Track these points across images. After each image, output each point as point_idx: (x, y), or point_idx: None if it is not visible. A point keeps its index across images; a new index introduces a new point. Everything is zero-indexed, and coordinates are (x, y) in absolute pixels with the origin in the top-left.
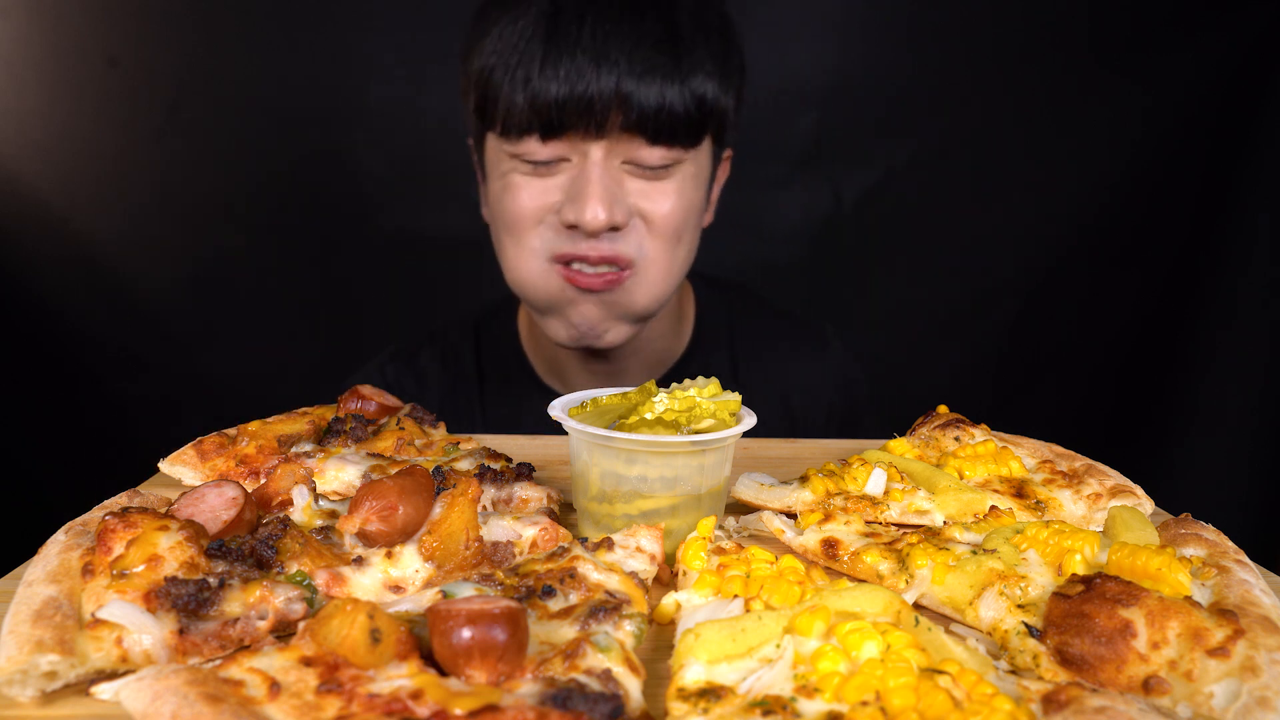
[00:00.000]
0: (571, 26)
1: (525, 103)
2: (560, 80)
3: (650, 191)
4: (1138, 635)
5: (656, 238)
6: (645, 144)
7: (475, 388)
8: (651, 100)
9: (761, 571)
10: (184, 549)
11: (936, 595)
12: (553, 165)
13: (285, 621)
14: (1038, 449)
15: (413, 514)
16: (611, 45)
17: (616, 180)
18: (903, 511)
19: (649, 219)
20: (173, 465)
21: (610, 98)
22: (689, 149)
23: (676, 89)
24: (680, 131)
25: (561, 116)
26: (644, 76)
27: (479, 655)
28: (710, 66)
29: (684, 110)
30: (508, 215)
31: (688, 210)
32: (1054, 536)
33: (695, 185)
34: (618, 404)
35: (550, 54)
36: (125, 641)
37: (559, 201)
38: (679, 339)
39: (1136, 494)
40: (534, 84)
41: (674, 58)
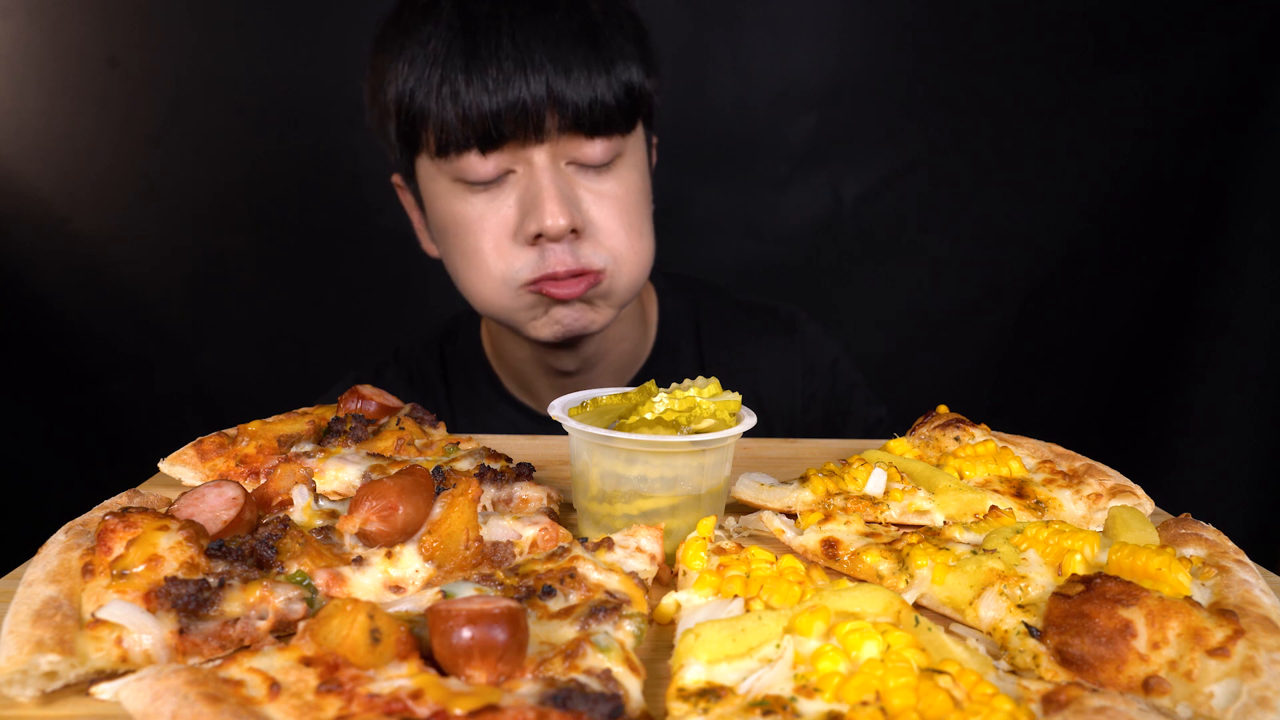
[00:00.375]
0: (490, 34)
1: (457, 118)
2: (490, 91)
3: (599, 190)
4: (1138, 635)
5: (619, 236)
6: (585, 140)
7: (444, 404)
8: (584, 96)
9: (761, 571)
10: (184, 549)
11: (936, 595)
12: (499, 181)
13: (285, 621)
14: (1038, 449)
15: (413, 514)
16: (534, 47)
17: (567, 183)
18: (903, 511)
19: (606, 218)
20: (172, 465)
21: (543, 100)
22: (626, 136)
23: (605, 80)
24: (616, 121)
25: (498, 128)
26: (571, 73)
27: (479, 655)
28: (630, 51)
29: (615, 100)
30: (463, 244)
31: (638, 199)
32: (1054, 536)
33: (640, 173)
34: (618, 404)
35: (474, 65)
36: (125, 641)
37: (514, 219)
38: (645, 341)
39: (1136, 494)
40: (463, 97)
41: (595, 49)
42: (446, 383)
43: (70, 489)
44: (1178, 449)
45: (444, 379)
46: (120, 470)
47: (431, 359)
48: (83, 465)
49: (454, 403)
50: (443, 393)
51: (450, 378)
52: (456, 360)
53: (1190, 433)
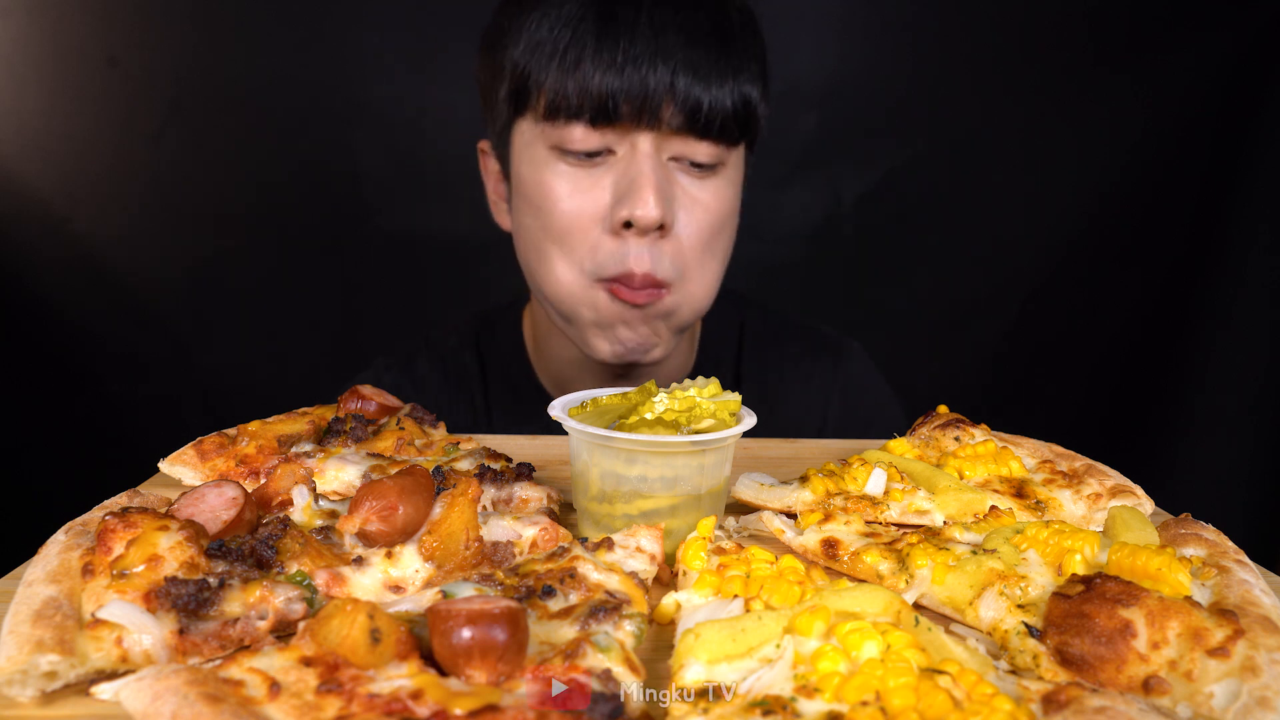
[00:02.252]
0: (628, 12)
1: (575, 88)
2: (615, 68)
3: (695, 192)
4: (1138, 635)
5: (695, 250)
6: (694, 139)
7: (480, 397)
8: (704, 96)
9: (761, 571)
10: (184, 549)
11: (936, 595)
12: (596, 159)
13: (285, 621)
14: (1038, 449)
15: (413, 514)
16: (668, 36)
17: (666, 177)
18: (903, 511)
19: (693, 222)
20: (172, 465)
21: (664, 90)
22: (733, 147)
23: (727, 88)
24: (730, 128)
25: (614, 105)
26: (698, 70)
27: (479, 655)
28: (754, 68)
29: (733, 108)
30: (548, 218)
31: (728, 213)
32: (1054, 536)
33: (734, 192)
34: (618, 404)
35: (605, 40)
36: (125, 641)
37: (607, 203)
38: (690, 355)
39: (1136, 494)
40: (585, 68)
41: (724, 55)
42: (485, 377)
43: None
44: (1178, 449)
45: (482, 373)
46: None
47: (468, 351)
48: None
49: (491, 399)
50: (480, 388)
51: (489, 372)
52: (495, 354)
53: (1190, 433)
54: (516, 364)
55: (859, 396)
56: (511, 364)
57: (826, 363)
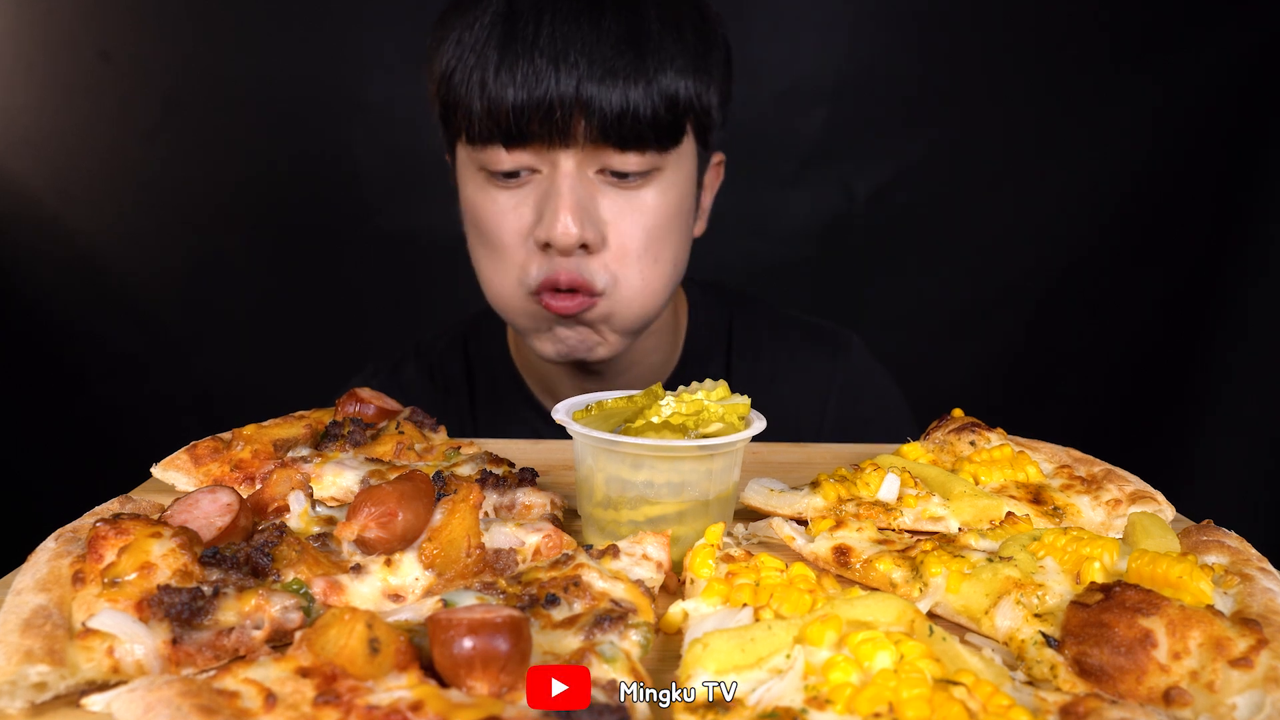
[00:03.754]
0: (528, 28)
1: (483, 109)
2: (516, 85)
3: (627, 204)
4: (1158, 645)
5: (630, 259)
6: (615, 151)
7: (465, 402)
8: (615, 103)
9: (771, 579)
10: (177, 556)
11: (951, 604)
12: (521, 178)
13: (281, 631)
14: (1055, 453)
15: (412, 520)
16: (570, 46)
17: (589, 193)
18: (916, 518)
19: (619, 239)
20: (166, 470)
21: (571, 102)
22: (665, 152)
23: (641, 89)
24: (650, 135)
25: (521, 124)
26: (605, 79)
27: (480, 666)
28: (681, 62)
29: (652, 112)
30: (483, 236)
31: (669, 220)
32: (1072, 544)
33: (677, 194)
34: (623, 407)
35: (506, 57)
36: (117, 651)
37: (530, 221)
38: (674, 351)
39: (1157, 500)
40: (490, 89)
41: (638, 56)
42: (471, 382)
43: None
44: (1199, 453)
45: (468, 378)
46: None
47: (455, 356)
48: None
49: (477, 405)
50: (465, 393)
51: (475, 377)
52: (481, 358)
53: (1212, 436)
54: (502, 367)
55: (859, 392)
56: (497, 367)
57: (823, 357)
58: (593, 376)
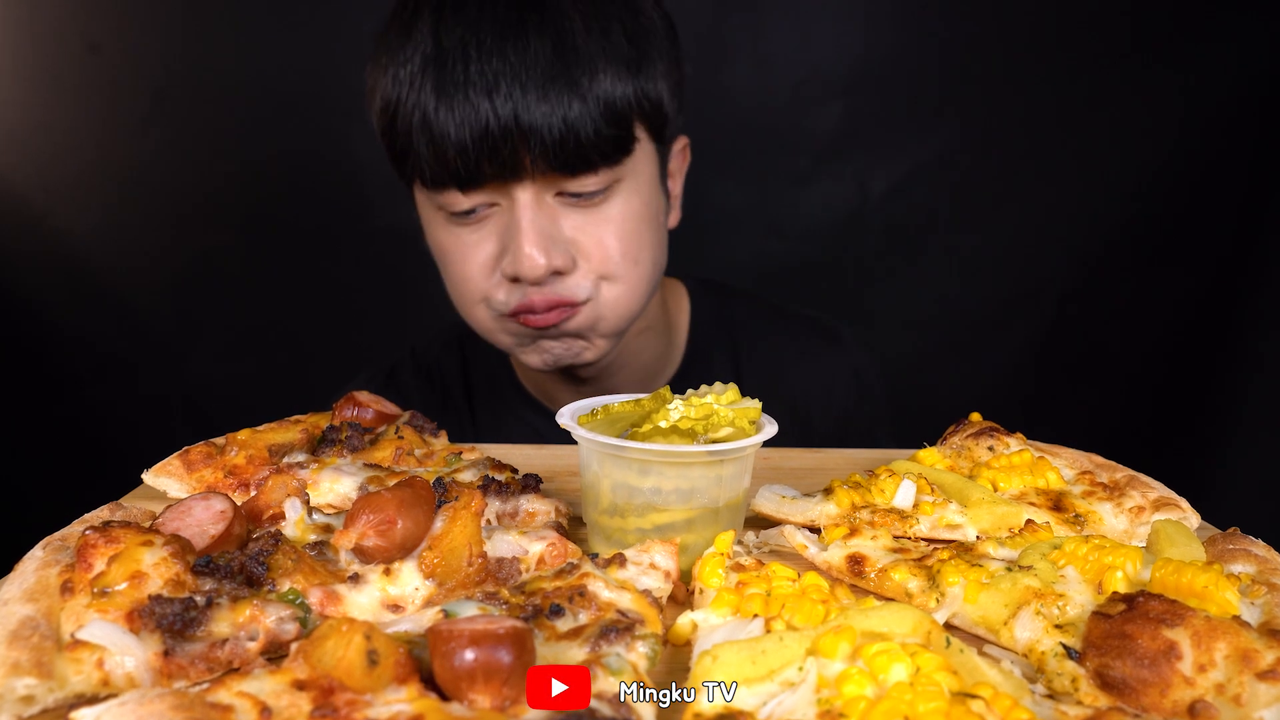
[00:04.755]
0: (457, 67)
1: (431, 154)
2: (456, 124)
3: (589, 224)
4: (1183, 657)
5: (609, 267)
6: (567, 177)
7: (463, 403)
8: (554, 127)
9: (783, 589)
10: (169, 565)
11: (969, 615)
12: (479, 213)
13: (277, 643)
14: (1077, 459)
15: (412, 528)
16: (500, 77)
17: (551, 219)
18: (933, 525)
19: (593, 255)
20: (157, 476)
21: (512, 133)
22: (616, 166)
23: (578, 107)
24: (595, 155)
25: (469, 166)
26: (539, 103)
27: (483, 678)
28: (615, 66)
29: (594, 128)
30: (450, 271)
31: (638, 225)
32: (1094, 552)
33: (642, 198)
34: (630, 411)
35: (442, 93)
36: (107, 664)
37: (494, 254)
38: (672, 349)
39: (1181, 507)
40: (434, 129)
41: (566, 71)
42: (468, 384)
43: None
44: (1225, 459)
45: (465, 379)
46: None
47: (452, 357)
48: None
49: (475, 406)
50: (463, 395)
51: (472, 378)
52: (479, 360)
53: (1238, 442)
54: (500, 368)
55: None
56: (494, 367)
57: (828, 347)
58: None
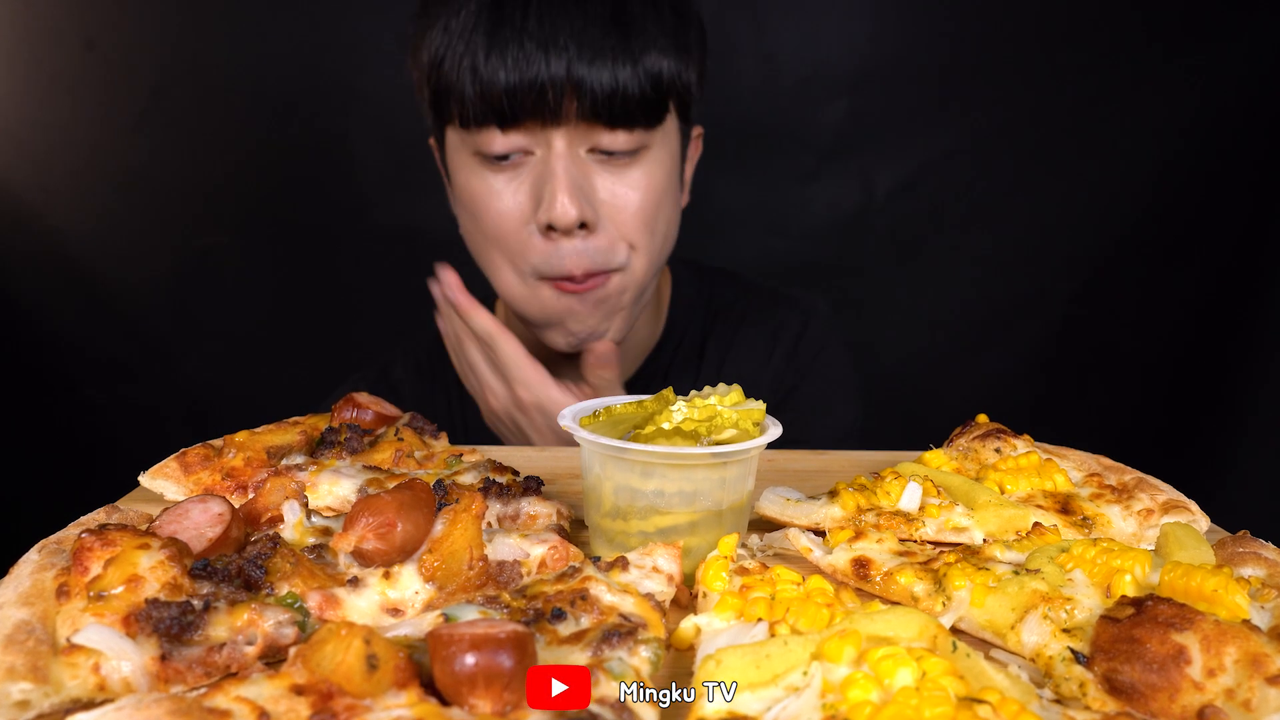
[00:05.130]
0: (515, 13)
1: (476, 94)
2: (508, 69)
3: (619, 182)
4: (1192, 662)
5: (634, 232)
6: (606, 130)
7: (458, 400)
8: (605, 84)
9: (787, 593)
10: (166, 569)
11: (975, 619)
12: (515, 160)
13: (275, 647)
14: (1085, 461)
15: (412, 531)
16: (559, 30)
17: (583, 172)
18: (939, 528)
19: (621, 213)
20: (154, 479)
21: (561, 84)
22: (652, 129)
23: (629, 70)
24: (638, 113)
25: (514, 105)
26: (594, 60)
27: (483, 683)
28: (663, 42)
29: (639, 91)
30: (482, 223)
31: (660, 195)
32: (1102, 555)
33: (666, 169)
34: (633, 413)
35: (496, 42)
36: (103, 668)
37: (527, 206)
38: (656, 326)
39: (1191, 510)
40: (482, 72)
41: (624, 38)
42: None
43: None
44: (1235, 461)
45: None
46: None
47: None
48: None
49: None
50: (457, 386)
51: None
52: None
53: (1248, 443)
54: None
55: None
56: None
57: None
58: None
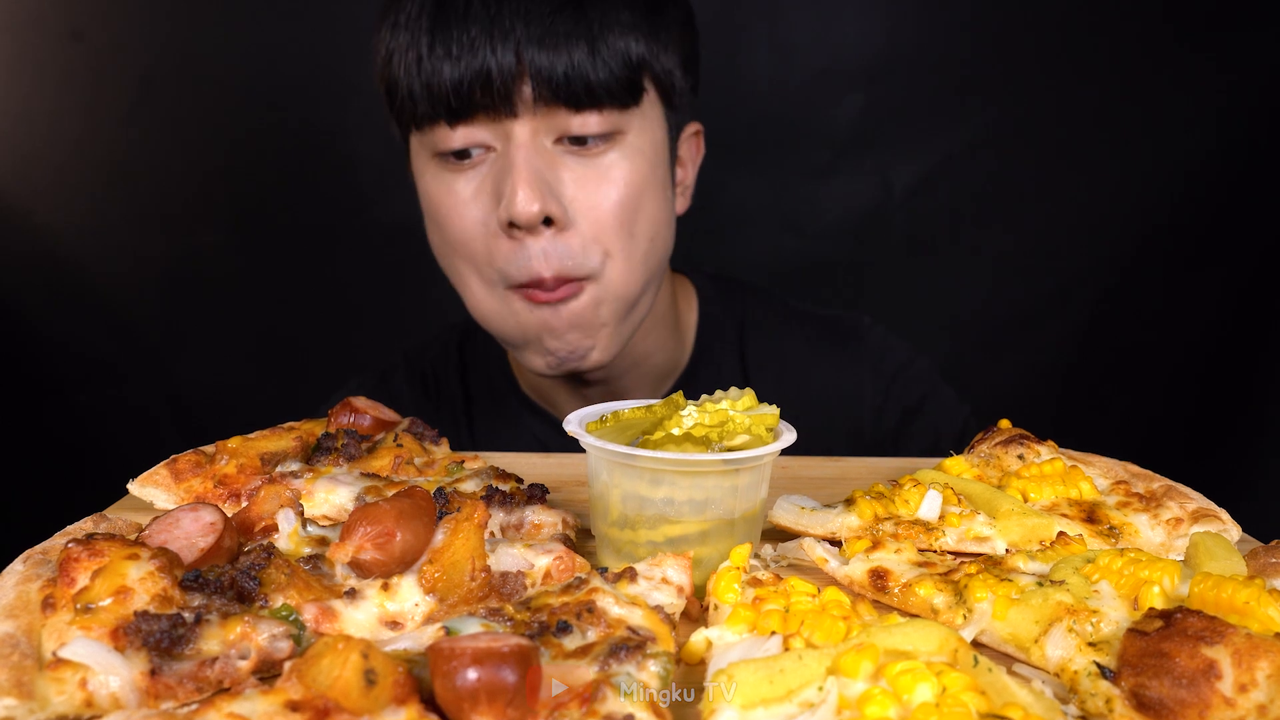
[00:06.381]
0: (458, 4)
1: (421, 88)
2: (452, 58)
3: (589, 174)
4: (1223, 676)
5: (608, 231)
6: (571, 113)
7: (460, 412)
8: (560, 66)
9: (802, 605)
10: (156, 580)
11: (998, 632)
12: (474, 157)
13: (269, 661)
14: (1111, 468)
15: (412, 541)
16: (504, 11)
17: (548, 163)
18: (960, 538)
19: (594, 209)
20: (144, 487)
21: (510, 69)
22: (626, 109)
23: (585, 49)
24: (603, 93)
25: (461, 98)
26: (545, 40)
27: (486, 699)
28: (627, 18)
29: (605, 71)
30: (446, 231)
31: (639, 191)
32: (1129, 566)
33: (646, 160)
34: (641, 418)
35: (439, 31)
36: (90, 683)
37: (489, 206)
38: (680, 350)
39: (1221, 518)
40: (425, 65)
41: (578, 17)
42: (467, 390)
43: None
44: (1267, 468)
45: (463, 384)
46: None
47: (450, 362)
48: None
49: (474, 413)
50: (461, 401)
51: (471, 383)
52: (476, 363)
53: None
54: (499, 374)
55: (887, 370)
56: (494, 374)
57: (843, 346)
58: (595, 384)
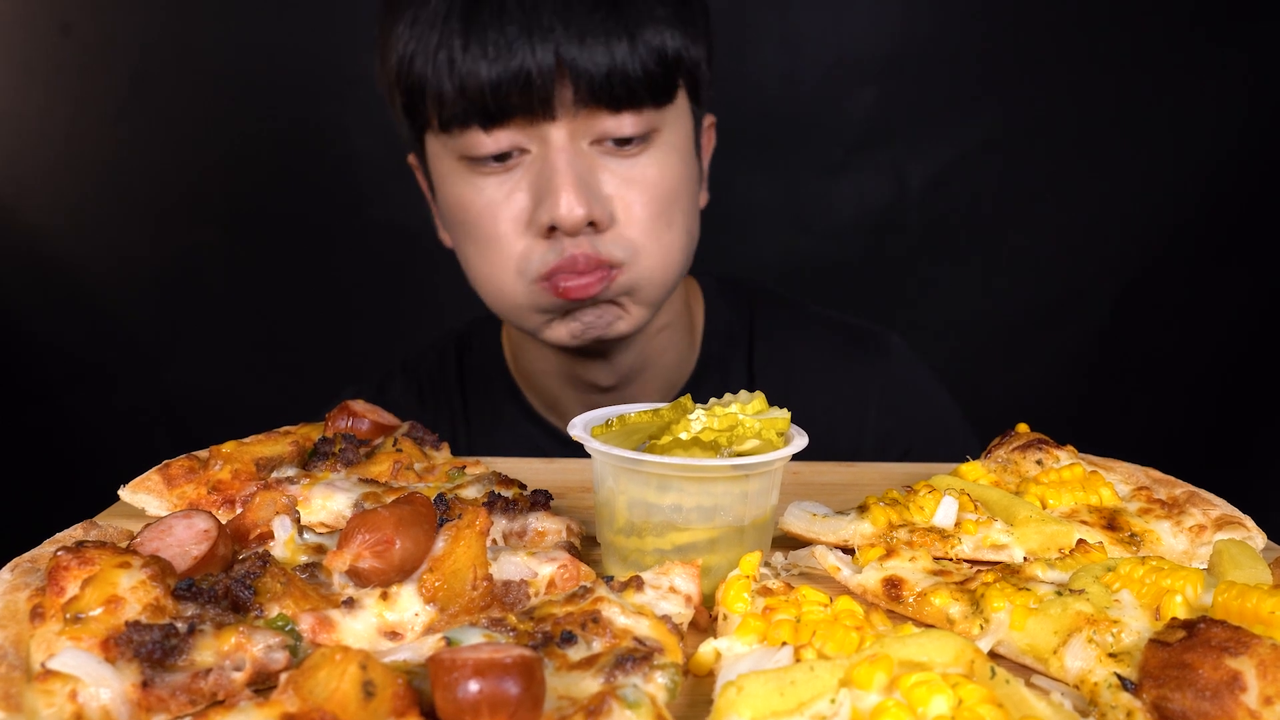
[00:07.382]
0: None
1: (454, 90)
2: (489, 59)
3: (629, 174)
4: (1247, 689)
5: (645, 227)
6: (609, 114)
7: (460, 421)
8: (600, 63)
9: (814, 615)
10: (148, 589)
11: (1015, 642)
12: (508, 161)
13: (265, 673)
14: (1132, 474)
15: (411, 549)
16: (542, 10)
17: (589, 166)
18: (976, 546)
19: (633, 206)
20: (135, 493)
21: (550, 70)
22: (662, 108)
23: (626, 46)
24: (644, 91)
25: (499, 100)
26: (585, 39)
27: (488, 711)
28: (662, 13)
29: (643, 68)
30: (474, 232)
31: (675, 185)
32: (1151, 575)
33: (679, 157)
34: (648, 422)
35: (473, 29)
36: (80, 696)
37: (527, 207)
38: (690, 352)
39: (1246, 526)
40: (459, 66)
41: (615, 13)
42: (465, 397)
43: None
44: None
45: (462, 393)
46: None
47: (448, 369)
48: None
49: (471, 420)
50: (460, 409)
51: (468, 391)
52: (475, 371)
53: None
54: (499, 380)
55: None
56: (493, 380)
57: (859, 360)
58: (600, 390)
